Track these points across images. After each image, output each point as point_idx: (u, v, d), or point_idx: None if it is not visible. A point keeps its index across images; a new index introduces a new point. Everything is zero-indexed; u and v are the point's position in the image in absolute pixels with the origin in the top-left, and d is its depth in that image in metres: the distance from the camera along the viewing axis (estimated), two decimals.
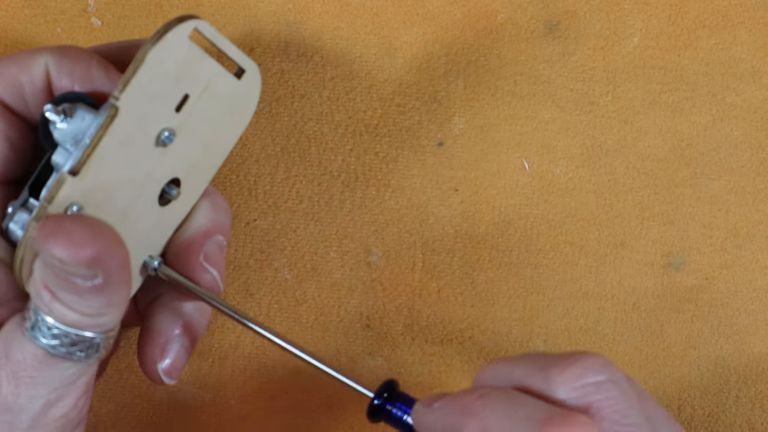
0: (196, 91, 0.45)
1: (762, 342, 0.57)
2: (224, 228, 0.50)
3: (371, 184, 0.57)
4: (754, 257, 0.57)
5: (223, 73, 0.46)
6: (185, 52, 0.43)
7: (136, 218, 0.46)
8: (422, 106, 0.57)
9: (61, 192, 0.41)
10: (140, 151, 0.44)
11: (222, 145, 0.49)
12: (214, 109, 0.46)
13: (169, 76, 0.43)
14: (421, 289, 0.57)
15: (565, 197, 0.57)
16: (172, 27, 0.42)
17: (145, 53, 0.42)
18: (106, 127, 0.42)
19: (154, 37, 0.42)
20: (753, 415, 0.57)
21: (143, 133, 0.44)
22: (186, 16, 0.43)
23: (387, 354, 0.57)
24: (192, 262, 0.48)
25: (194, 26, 0.43)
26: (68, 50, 0.46)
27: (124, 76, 0.42)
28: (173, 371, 0.49)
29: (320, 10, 0.57)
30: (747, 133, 0.57)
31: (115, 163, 0.43)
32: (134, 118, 0.43)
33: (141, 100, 0.42)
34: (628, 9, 0.57)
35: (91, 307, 0.41)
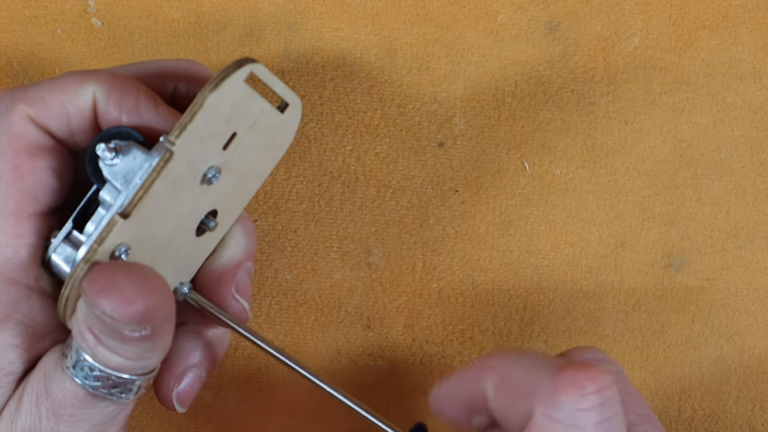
0: (244, 128, 0.45)
1: (762, 343, 0.57)
2: (253, 253, 0.49)
3: (371, 185, 0.57)
4: (754, 258, 0.57)
5: (269, 108, 0.45)
6: (239, 94, 0.43)
7: (174, 250, 0.46)
8: (422, 107, 0.57)
9: (111, 235, 0.41)
10: (187, 189, 0.44)
11: (259, 174, 0.49)
12: (258, 143, 0.46)
13: (222, 118, 0.43)
14: (421, 290, 0.57)
15: (565, 198, 0.57)
16: (230, 72, 0.42)
17: (204, 99, 0.41)
18: (159, 170, 0.42)
19: (213, 82, 0.42)
20: (753, 416, 0.57)
21: (192, 173, 0.43)
22: (244, 61, 0.43)
23: (387, 355, 0.57)
24: (224, 293, 0.48)
25: (250, 70, 0.43)
26: (117, 80, 0.45)
27: (181, 121, 0.42)
28: (186, 399, 0.49)
29: (320, 11, 0.57)
30: (747, 133, 0.57)
31: (162, 203, 0.43)
32: (186, 160, 0.42)
33: (194, 143, 0.42)
34: (629, 9, 0.57)
35: (136, 353, 0.41)
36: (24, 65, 0.56)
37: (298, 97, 0.47)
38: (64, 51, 0.56)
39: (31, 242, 0.44)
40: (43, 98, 0.44)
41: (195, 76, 0.48)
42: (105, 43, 0.56)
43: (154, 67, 0.48)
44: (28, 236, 0.44)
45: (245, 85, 0.43)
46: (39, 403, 0.42)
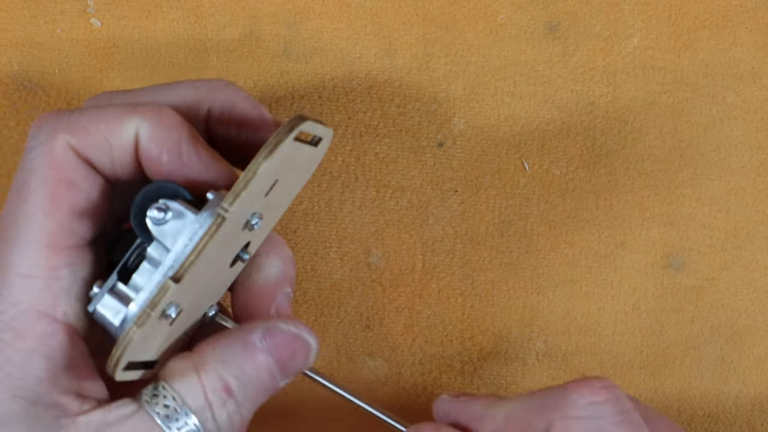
0: (285, 173, 0.45)
1: (762, 343, 0.57)
2: (292, 279, 0.49)
3: (371, 185, 0.57)
4: (754, 258, 0.57)
5: (305, 147, 0.45)
6: (289, 152, 0.43)
7: (210, 284, 0.46)
8: (422, 107, 0.57)
9: (164, 299, 0.42)
10: (232, 239, 0.44)
11: (288, 200, 0.49)
12: (294, 179, 0.47)
13: (272, 176, 0.43)
14: (421, 290, 0.57)
15: (564, 198, 0.57)
16: (283, 138, 0.42)
17: (258, 166, 0.41)
18: (212, 235, 0.42)
19: (267, 148, 0.42)
20: (753, 416, 0.57)
21: (236, 227, 0.44)
22: (295, 123, 0.43)
23: (387, 355, 0.57)
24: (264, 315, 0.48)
25: (300, 131, 0.43)
26: (161, 117, 0.44)
27: (235, 188, 0.41)
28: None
29: (320, 11, 0.57)
30: (747, 133, 0.57)
31: (210, 259, 0.43)
32: (236, 221, 0.43)
33: (245, 205, 0.42)
34: (628, 10, 0.57)
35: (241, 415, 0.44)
36: (24, 65, 0.56)
37: (330, 130, 0.46)
38: (63, 51, 0.56)
39: (64, 275, 0.44)
40: (85, 128, 0.44)
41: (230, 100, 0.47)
42: (105, 43, 0.56)
43: (187, 90, 0.48)
44: (61, 269, 0.44)
45: (294, 142, 0.43)
46: None
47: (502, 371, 0.57)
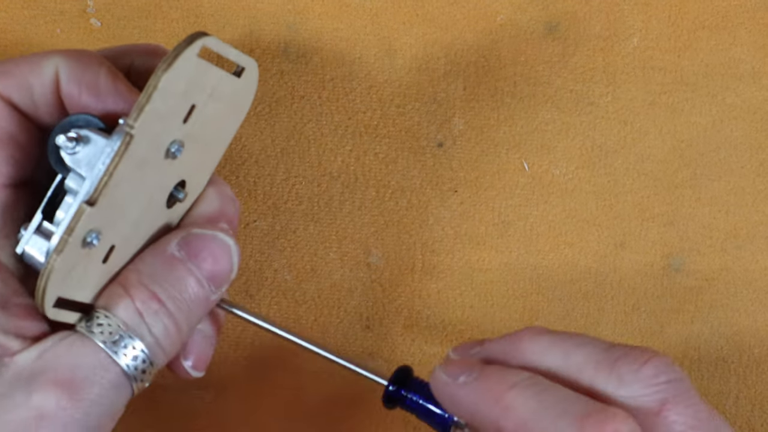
0: (202, 99, 0.45)
1: (762, 343, 0.57)
2: (229, 216, 0.49)
3: (371, 185, 0.57)
4: (753, 258, 0.57)
5: (225, 76, 0.45)
6: (194, 69, 0.43)
7: (147, 226, 0.46)
8: (422, 107, 0.57)
9: (80, 224, 0.41)
10: (152, 167, 0.44)
11: (223, 139, 0.49)
12: (219, 111, 0.46)
13: (179, 94, 0.43)
14: (420, 290, 0.57)
15: (564, 198, 0.57)
16: (182, 51, 0.42)
17: (158, 80, 0.41)
18: (121, 154, 0.42)
19: (166, 61, 0.42)
20: (753, 416, 0.57)
21: (155, 151, 0.44)
22: (195, 36, 0.42)
23: (387, 355, 0.57)
24: None
25: (202, 45, 0.43)
26: (80, 56, 0.45)
27: (138, 103, 0.41)
28: (200, 364, 0.48)
29: (320, 11, 0.57)
30: (747, 134, 0.57)
31: (129, 184, 0.43)
32: (147, 140, 0.43)
33: (154, 123, 0.42)
34: (628, 10, 0.57)
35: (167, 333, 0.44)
36: None
37: (253, 60, 0.46)
38: None
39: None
40: (6, 71, 0.45)
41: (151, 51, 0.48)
42: (104, 43, 0.56)
43: (122, 48, 0.49)
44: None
45: (199, 59, 0.43)
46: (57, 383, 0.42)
47: None
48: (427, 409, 0.46)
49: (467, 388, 0.44)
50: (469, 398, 0.43)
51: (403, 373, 0.47)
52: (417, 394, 0.47)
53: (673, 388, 0.42)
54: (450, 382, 0.44)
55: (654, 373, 0.42)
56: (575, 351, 0.44)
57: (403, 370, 0.47)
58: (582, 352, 0.44)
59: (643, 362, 0.43)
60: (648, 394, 0.42)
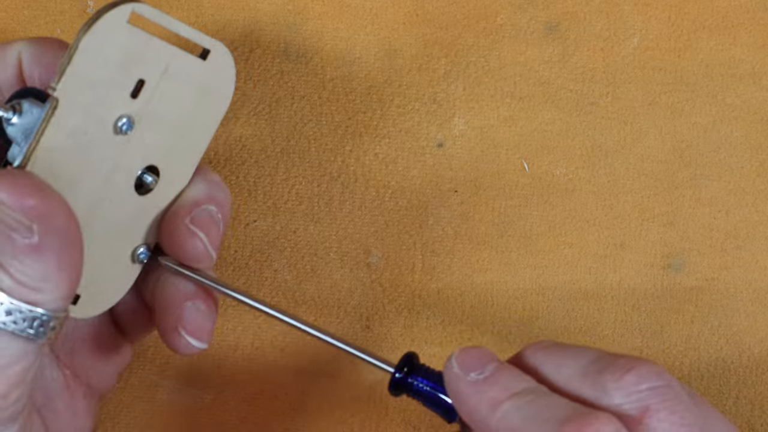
0: (153, 75, 0.44)
1: (761, 343, 0.57)
2: (217, 200, 0.48)
3: (371, 186, 0.57)
4: (753, 258, 0.57)
5: (182, 54, 0.45)
6: (126, 36, 0.42)
7: (112, 208, 0.45)
8: (422, 108, 0.57)
9: None
10: (98, 141, 0.43)
11: (202, 127, 0.48)
12: (180, 92, 0.45)
13: (112, 63, 0.42)
14: (420, 290, 0.57)
15: (564, 198, 0.57)
16: (103, 13, 0.41)
17: (78, 41, 0.41)
18: (47, 119, 0.41)
19: (87, 23, 0.41)
20: (753, 416, 0.57)
21: (97, 123, 0.43)
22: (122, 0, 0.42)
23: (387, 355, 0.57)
24: (177, 225, 0.47)
25: (131, 10, 0.42)
26: (42, 40, 0.46)
27: (60, 66, 0.41)
28: (198, 333, 0.47)
29: (320, 12, 0.57)
30: (747, 134, 0.57)
31: (69, 155, 0.42)
32: (80, 108, 0.42)
33: (83, 89, 0.42)
34: (628, 10, 0.57)
35: (26, 275, 0.39)
36: None
37: (219, 42, 0.46)
38: None
39: None
40: None
41: None
42: None
43: None
44: None
45: (133, 27, 0.42)
46: None
47: None
48: (434, 396, 0.46)
49: (473, 388, 0.44)
50: (472, 399, 0.44)
51: (409, 359, 0.47)
52: (424, 381, 0.46)
53: (655, 395, 0.42)
54: (461, 377, 0.44)
55: (636, 380, 0.42)
56: (566, 362, 0.44)
57: (409, 357, 0.47)
58: (571, 363, 0.44)
59: (626, 371, 0.43)
60: (629, 402, 0.42)
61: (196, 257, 0.47)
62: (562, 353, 0.45)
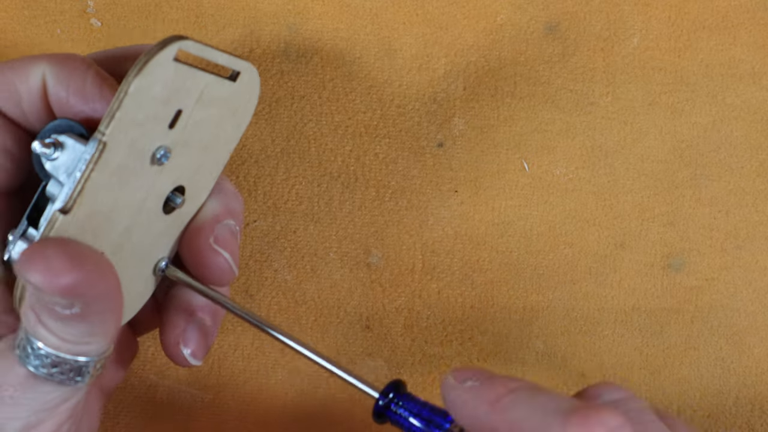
0: (189, 104, 0.44)
1: (762, 343, 0.57)
2: (235, 213, 0.49)
3: (371, 186, 0.57)
4: (753, 258, 0.57)
5: (215, 80, 0.45)
6: (172, 73, 0.42)
7: (141, 232, 0.45)
8: (422, 107, 0.57)
9: (53, 232, 0.41)
10: (135, 173, 0.43)
11: (225, 143, 0.48)
12: (212, 115, 0.46)
13: (157, 100, 0.42)
14: (420, 290, 0.57)
15: (564, 198, 0.57)
16: (153, 55, 0.41)
17: (128, 85, 0.41)
18: (95, 162, 0.41)
19: (137, 66, 0.41)
20: (752, 417, 0.57)
21: (136, 157, 0.43)
22: (169, 40, 0.42)
23: (387, 355, 0.57)
24: (202, 245, 0.47)
25: (178, 48, 0.42)
26: (67, 60, 0.45)
27: (109, 109, 0.41)
28: (199, 352, 0.48)
29: (320, 12, 0.57)
30: (747, 134, 0.57)
31: (109, 191, 0.42)
32: (124, 146, 0.42)
33: (129, 129, 0.42)
34: (628, 10, 0.57)
35: (72, 335, 0.41)
36: None
37: (248, 63, 0.46)
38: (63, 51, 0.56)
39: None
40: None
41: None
42: (104, 43, 0.56)
43: (118, 51, 0.48)
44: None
45: (177, 63, 0.42)
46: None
47: (502, 371, 0.57)
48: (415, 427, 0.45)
49: (471, 393, 0.44)
50: (472, 402, 0.44)
51: (394, 386, 0.46)
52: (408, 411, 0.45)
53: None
54: (457, 386, 0.44)
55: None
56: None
57: (395, 384, 0.46)
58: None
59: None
60: None
61: (220, 276, 0.48)
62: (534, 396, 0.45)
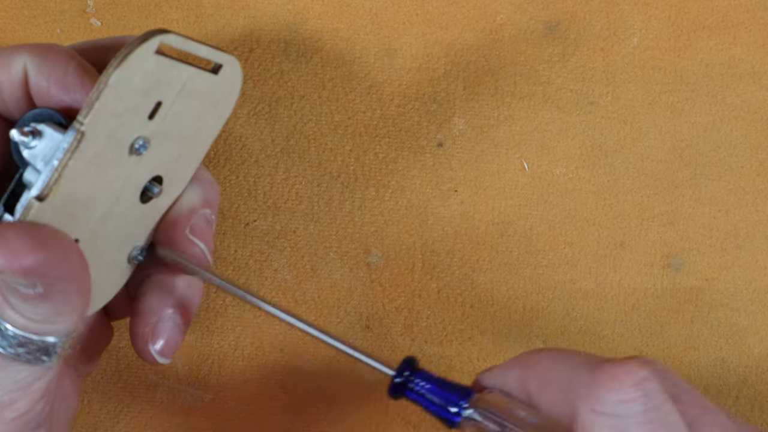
0: (170, 96, 0.44)
1: (761, 343, 0.57)
2: (211, 201, 0.49)
3: (371, 185, 0.57)
4: (753, 258, 0.57)
5: (197, 73, 0.45)
6: (153, 66, 0.42)
7: (117, 220, 0.46)
8: (422, 107, 0.57)
9: (29, 218, 0.41)
10: (113, 162, 0.44)
11: (206, 135, 0.48)
12: (193, 107, 0.46)
13: (137, 92, 0.42)
14: (420, 290, 0.57)
15: (564, 198, 0.57)
16: (135, 47, 0.41)
17: (108, 76, 0.41)
18: (72, 150, 0.41)
19: (118, 58, 0.41)
20: (752, 416, 0.57)
21: (114, 147, 0.43)
22: (151, 33, 0.42)
23: (387, 355, 0.57)
24: (178, 235, 0.48)
25: (159, 41, 0.42)
26: (49, 50, 0.45)
27: (89, 99, 0.41)
28: (167, 350, 0.48)
29: (320, 11, 0.57)
30: (747, 133, 0.57)
31: (86, 179, 0.43)
32: (102, 136, 0.42)
33: (108, 120, 0.42)
34: (628, 10, 0.57)
35: (38, 314, 0.41)
36: None
37: (231, 56, 0.46)
38: None
39: None
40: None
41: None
42: None
43: (102, 42, 0.48)
44: None
45: (159, 56, 0.42)
46: None
47: None
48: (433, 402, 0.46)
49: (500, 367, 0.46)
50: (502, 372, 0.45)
51: (409, 363, 0.47)
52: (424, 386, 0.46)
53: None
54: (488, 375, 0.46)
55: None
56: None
57: (409, 361, 0.47)
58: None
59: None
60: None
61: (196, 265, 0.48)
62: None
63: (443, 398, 0.46)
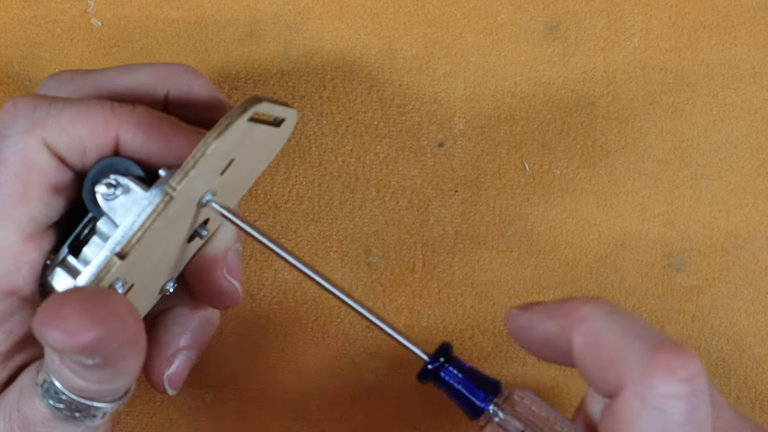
0: (242, 152, 0.45)
1: (762, 343, 0.57)
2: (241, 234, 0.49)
3: (371, 185, 0.57)
4: (754, 258, 0.57)
5: (267, 129, 0.45)
6: (241, 130, 0.43)
7: (165, 260, 0.46)
8: (422, 107, 0.57)
9: (108, 276, 0.42)
10: (184, 217, 0.44)
11: (252, 176, 0.49)
12: (254, 157, 0.46)
13: (222, 155, 0.43)
14: (421, 290, 0.57)
15: (565, 198, 0.57)
16: (234, 120, 0.42)
17: (207, 147, 0.41)
18: (158, 212, 0.42)
19: (218, 129, 0.41)
20: (753, 416, 0.57)
21: (189, 203, 0.44)
22: (248, 104, 0.42)
23: (387, 355, 0.57)
24: (216, 276, 0.48)
25: (254, 112, 0.43)
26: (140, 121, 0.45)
27: (184, 166, 0.41)
28: (177, 381, 0.49)
29: (320, 11, 0.57)
30: (747, 133, 0.57)
31: (160, 235, 0.43)
32: (185, 198, 0.43)
33: (194, 183, 0.42)
34: (628, 10, 0.57)
35: (97, 378, 0.41)
36: (24, 65, 0.56)
37: (294, 111, 0.46)
38: (63, 51, 0.56)
39: (33, 258, 0.45)
40: (63, 128, 0.44)
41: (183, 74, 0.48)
42: (105, 43, 0.56)
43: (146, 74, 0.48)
44: (31, 253, 0.45)
45: (248, 122, 0.43)
46: (12, 419, 0.43)
47: (502, 371, 0.57)
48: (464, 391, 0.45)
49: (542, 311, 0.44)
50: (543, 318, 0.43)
51: (445, 350, 0.46)
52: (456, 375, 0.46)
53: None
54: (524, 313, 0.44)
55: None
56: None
57: (445, 347, 0.46)
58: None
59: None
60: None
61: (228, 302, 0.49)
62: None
63: (471, 390, 0.46)
